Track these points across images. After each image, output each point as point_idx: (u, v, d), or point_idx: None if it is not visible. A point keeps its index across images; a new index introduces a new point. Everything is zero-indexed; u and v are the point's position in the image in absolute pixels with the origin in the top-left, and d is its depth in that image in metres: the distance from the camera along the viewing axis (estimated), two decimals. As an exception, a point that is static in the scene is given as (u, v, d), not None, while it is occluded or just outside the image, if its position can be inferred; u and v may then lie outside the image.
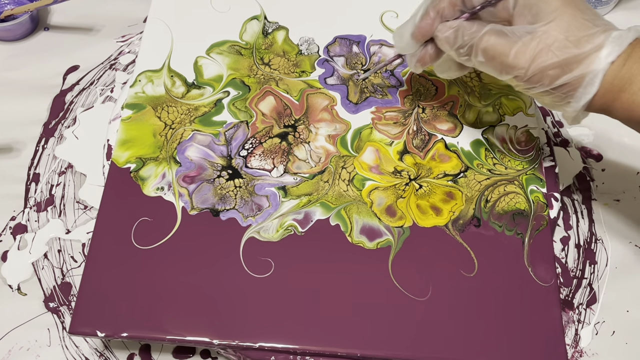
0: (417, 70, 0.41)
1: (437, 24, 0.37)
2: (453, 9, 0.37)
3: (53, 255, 0.43)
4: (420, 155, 0.44)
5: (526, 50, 0.34)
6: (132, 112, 0.44)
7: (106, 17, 0.54)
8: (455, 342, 0.37)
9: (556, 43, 0.33)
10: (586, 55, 0.33)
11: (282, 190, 0.42)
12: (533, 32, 0.34)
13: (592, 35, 0.33)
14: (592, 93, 0.33)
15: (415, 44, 0.39)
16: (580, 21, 0.33)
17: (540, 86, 0.35)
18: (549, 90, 0.35)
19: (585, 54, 0.33)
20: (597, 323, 0.42)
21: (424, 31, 0.38)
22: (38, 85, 0.50)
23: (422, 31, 0.38)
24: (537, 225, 0.42)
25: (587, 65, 0.33)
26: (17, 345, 0.40)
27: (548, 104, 0.36)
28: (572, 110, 0.35)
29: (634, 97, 0.33)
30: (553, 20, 0.33)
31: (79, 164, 0.46)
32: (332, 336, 0.37)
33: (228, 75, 0.46)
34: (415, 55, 0.40)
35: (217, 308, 0.37)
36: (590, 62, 0.33)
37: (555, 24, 0.33)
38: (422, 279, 0.39)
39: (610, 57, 0.33)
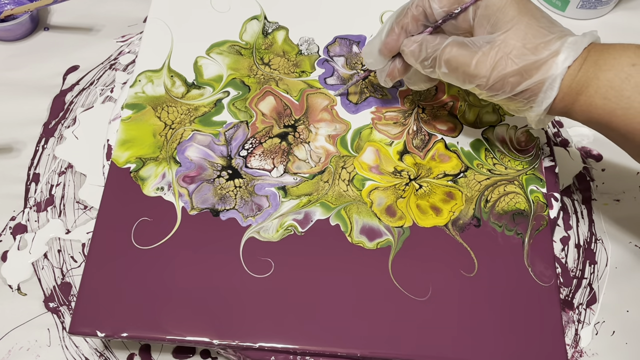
0: (387, 85, 0.42)
1: (402, 38, 0.38)
2: (417, 23, 0.38)
3: (53, 255, 0.43)
4: (420, 155, 0.44)
5: (486, 59, 0.35)
6: (132, 112, 0.44)
7: (106, 17, 0.54)
8: (455, 342, 0.37)
9: (514, 51, 0.34)
10: (544, 61, 0.34)
11: (282, 190, 0.42)
12: (492, 41, 0.35)
13: (548, 42, 0.34)
14: (552, 97, 0.35)
15: (383, 59, 0.40)
16: (536, 29, 0.34)
17: (502, 93, 0.36)
18: (511, 97, 0.36)
19: (542, 60, 0.34)
20: (597, 323, 0.42)
21: (390, 46, 0.39)
22: (38, 85, 0.50)
23: (389, 47, 0.39)
24: (537, 225, 0.42)
25: (546, 71, 0.34)
26: (17, 345, 0.40)
27: (513, 109, 0.38)
28: (535, 115, 0.36)
29: (591, 99, 0.34)
30: (510, 29, 0.35)
31: (79, 164, 0.46)
32: (332, 336, 0.37)
33: (228, 75, 0.46)
34: (384, 70, 0.41)
35: (217, 308, 0.37)
36: (548, 68, 0.34)
37: (512, 33, 0.34)
38: (422, 279, 0.39)
39: (567, 62, 0.34)
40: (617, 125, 0.34)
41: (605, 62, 0.34)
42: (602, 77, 0.34)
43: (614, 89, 0.34)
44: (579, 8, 0.54)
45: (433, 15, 0.37)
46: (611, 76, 0.34)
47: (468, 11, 0.36)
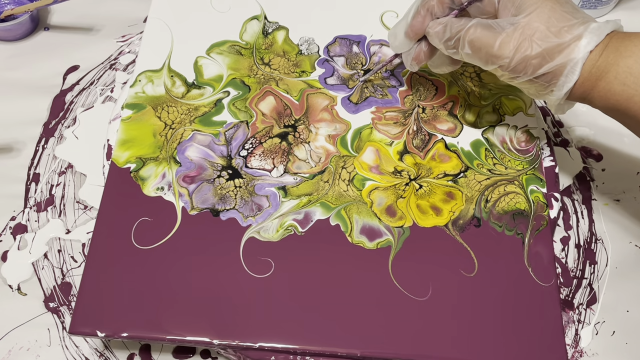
0: (413, 69, 0.43)
1: (428, 21, 0.39)
2: (442, 6, 0.39)
3: (53, 255, 0.43)
4: (420, 155, 0.44)
5: (510, 40, 0.35)
6: (132, 112, 0.44)
7: (106, 17, 0.54)
8: (455, 342, 0.37)
9: (537, 33, 0.35)
10: (566, 44, 0.35)
11: (282, 190, 0.42)
12: (516, 23, 0.36)
13: (571, 26, 0.35)
14: (573, 81, 0.35)
15: (409, 42, 0.41)
16: (560, 13, 0.35)
17: (523, 75, 0.36)
18: (532, 79, 0.36)
19: (565, 43, 0.35)
20: (597, 323, 0.42)
21: (416, 29, 0.40)
22: (38, 85, 0.50)
23: (414, 29, 0.40)
24: (537, 225, 0.42)
25: (568, 54, 0.35)
26: (17, 345, 0.40)
27: (532, 93, 0.38)
28: (555, 99, 0.37)
29: (610, 85, 0.35)
30: (534, 11, 0.35)
31: (79, 164, 0.46)
32: (332, 336, 0.37)
33: (228, 75, 0.46)
34: (410, 53, 0.42)
35: (217, 308, 0.37)
36: (570, 51, 0.35)
37: (535, 15, 0.35)
38: (422, 279, 0.39)
39: (589, 47, 0.34)
40: (634, 112, 0.35)
41: (626, 48, 0.34)
42: (621, 64, 0.34)
43: (633, 75, 0.34)
44: (579, 8, 0.54)
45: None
46: (631, 63, 0.34)
47: None
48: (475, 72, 0.48)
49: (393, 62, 0.47)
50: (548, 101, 0.38)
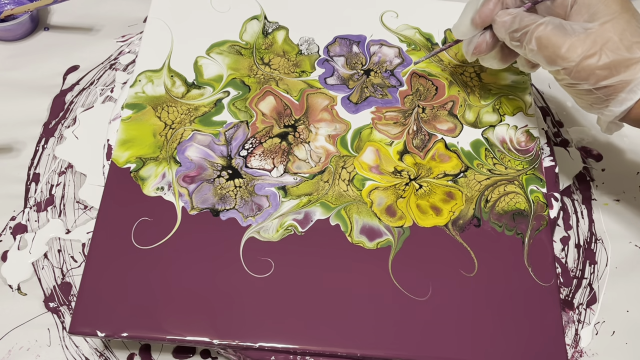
0: (471, 59, 0.42)
1: (497, 10, 0.38)
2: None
3: (53, 255, 0.43)
4: (420, 155, 0.44)
5: (580, 45, 0.35)
6: (132, 112, 0.44)
7: (106, 17, 0.54)
8: (455, 342, 0.37)
9: (609, 43, 0.34)
10: (636, 61, 0.34)
11: (282, 190, 0.42)
12: (589, 29, 0.35)
13: None
14: (635, 99, 0.34)
15: (473, 29, 0.40)
16: (635, 27, 0.34)
17: (585, 83, 0.35)
18: (592, 89, 0.35)
19: (635, 59, 0.34)
20: (597, 323, 0.42)
21: (484, 16, 0.39)
22: (38, 85, 0.50)
23: (483, 16, 0.39)
24: (537, 225, 0.42)
25: (635, 72, 0.34)
26: (17, 345, 0.40)
27: (586, 105, 0.37)
28: (611, 115, 0.36)
29: None
30: (609, 21, 0.34)
31: (79, 164, 0.46)
32: (332, 336, 0.37)
33: (228, 75, 0.46)
34: (472, 42, 0.41)
35: (217, 308, 0.37)
36: (638, 69, 0.34)
37: (611, 25, 0.34)
38: (422, 279, 0.39)
39: None
40: None
41: None
42: None
43: None
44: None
45: None
46: None
47: None
48: (475, 72, 0.48)
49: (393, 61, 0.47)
50: (602, 117, 0.37)
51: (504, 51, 0.41)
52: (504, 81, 0.48)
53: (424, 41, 0.49)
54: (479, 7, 0.39)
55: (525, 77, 0.48)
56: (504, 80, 0.48)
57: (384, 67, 0.48)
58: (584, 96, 0.37)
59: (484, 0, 0.39)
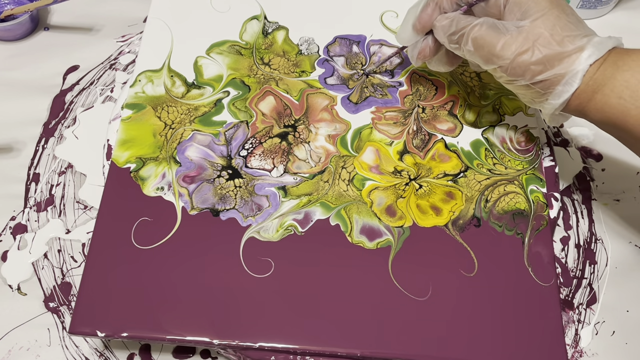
0: (417, 64, 0.43)
1: (436, 15, 0.40)
2: (451, 2, 0.39)
3: (53, 255, 0.43)
4: (420, 155, 0.44)
5: (512, 42, 0.36)
6: (132, 112, 0.44)
7: (106, 17, 0.54)
8: (455, 342, 0.37)
9: (541, 39, 0.35)
10: (568, 54, 0.35)
11: (282, 190, 0.42)
12: (521, 27, 0.36)
13: (574, 37, 0.35)
14: (571, 91, 0.35)
15: (415, 35, 0.42)
16: (565, 22, 0.35)
17: (521, 79, 0.37)
18: (529, 84, 0.37)
19: (567, 53, 0.35)
20: (597, 323, 0.42)
21: (423, 22, 0.40)
22: (38, 85, 0.50)
23: (422, 22, 0.40)
24: (537, 225, 0.42)
25: (568, 64, 0.35)
26: (17, 345, 0.40)
27: (528, 100, 0.39)
28: (551, 108, 0.37)
29: (607, 98, 0.35)
30: (540, 17, 0.35)
31: (79, 164, 0.46)
32: (332, 336, 0.37)
33: (228, 75, 0.46)
34: (416, 47, 0.42)
35: (217, 308, 0.37)
36: (571, 62, 0.35)
37: (541, 22, 0.35)
38: (422, 279, 0.39)
39: (591, 59, 0.35)
40: (631, 126, 0.35)
41: (624, 62, 0.34)
42: (619, 77, 0.34)
43: (629, 88, 0.34)
44: (579, 8, 0.54)
45: None
46: (628, 76, 0.34)
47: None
48: (475, 72, 0.48)
49: (392, 61, 0.47)
50: (543, 110, 0.38)
51: (449, 54, 0.42)
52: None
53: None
54: (418, 14, 0.40)
55: None
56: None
57: (383, 67, 0.48)
58: (524, 91, 0.38)
59: (423, 7, 0.40)
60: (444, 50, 0.42)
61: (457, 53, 0.39)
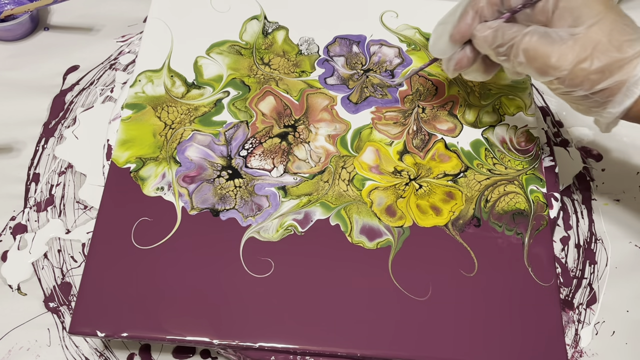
0: (452, 75, 0.41)
1: (476, 24, 0.37)
2: (492, 8, 0.36)
3: (53, 255, 0.43)
4: (420, 155, 0.44)
5: (570, 52, 0.33)
6: (132, 112, 0.44)
7: (106, 17, 0.54)
8: (455, 342, 0.37)
9: (599, 46, 0.33)
10: (629, 60, 0.33)
11: (282, 190, 0.42)
12: (576, 34, 0.34)
13: (633, 41, 0.33)
14: (633, 98, 0.33)
15: (453, 46, 0.38)
16: (622, 26, 0.33)
17: (580, 90, 0.34)
18: (588, 94, 0.34)
19: (627, 59, 0.33)
20: (597, 323, 0.42)
21: (462, 31, 0.37)
22: (38, 85, 0.50)
23: (461, 31, 0.37)
24: (537, 225, 0.42)
25: (629, 71, 0.33)
26: (17, 345, 0.40)
27: (583, 109, 0.36)
28: (610, 117, 0.35)
29: None
30: (596, 23, 0.33)
31: (79, 164, 0.46)
32: (332, 336, 0.37)
33: (228, 75, 0.46)
34: (452, 59, 0.39)
35: (217, 308, 0.37)
36: (632, 68, 0.33)
37: (598, 28, 0.33)
38: (422, 279, 0.39)
39: None
40: None
41: None
42: None
43: None
44: (579, 8, 0.54)
45: (510, 1, 0.36)
46: None
47: (548, 1, 0.34)
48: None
49: (392, 61, 0.47)
50: (600, 118, 0.36)
51: (487, 62, 0.39)
52: (504, 81, 0.48)
53: (424, 41, 0.49)
54: (456, 23, 0.37)
55: (525, 77, 0.48)
56: (504, 80, 0.48)
57: (384, 67, 0.48)
58: (581, 102, 0.35)
59: (461, 15, 0.37)
60: (480, 59, 0.39)
61: (506, 65, 0.37)
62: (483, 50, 0.37)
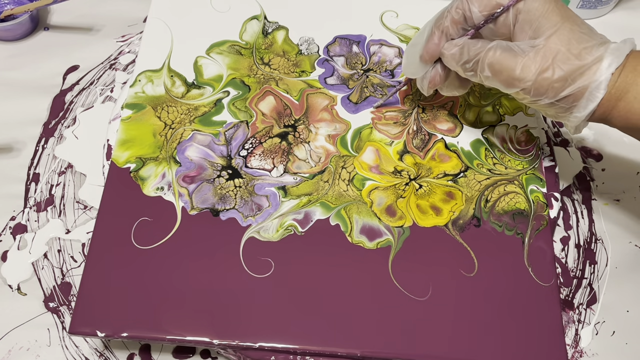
0: (428, 93, 0.42)
1: (443, 42, 0.38)
2: (456, 27, 0.38)
3: (53, 255, 0.43)
4: (420, 155, 0.44)
5: (531, 63, 0.35)
6: (132, 112, 0.44)
7: (106, 17, 0.54)
8: (455, 342, 0.37)
9: (559, 55, 0.34)
10: (588, 66, 0.34)
11: (282, 190, 0.42)
12: (536, 46, 0.35)
13: (591, 48, 0.34)
14: (596, 103, 0.35)
15: (424, 66, 0.40)
16: (579, 34, 0.35)
17: (545, 98, 0.36)
18: (553, 102, 0.36)
19: (587, 65, 0.34)
20: (597, 323, 0.42)
21: (431, 51, 0.39)
22: (38, 85, 0.50)
23: (430, 51, 0.39)
24: (537, 225, 0.42)
25: (590, 77, 0.34)
26: (17, 345, 0.40)
27: (552, 115, 0.38)
28: (576, 121, 0.36)
29: (630, 105, 0.35)
30: (554, 33, 0.35)
31: (79, 164, 0.46)
32: (332, 336, 0.37)
33: (228, 75, 0.46)
34: (425, 78, 0.41)
35: (217, 308, 0.37)
36: (592, 73, 0.34)
37: (556, 38, 0.35)
38: (422, 279, 0.39)
39: (611, 68, 0.34)
40: None
41: None
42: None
43: None
44: (579, 8, 0.54)
45: (472, 19, 0.37)
46: None
47: (508, 16, 0.36)
48: (475, 72, 0.48)
49: (392, 61, 0.47)
50: (568, 122, 0.37)
51: (460, 77, 0.40)
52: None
53: (424, 41, 0.49)
54: (424, 44, 0.39)
55: None
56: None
57: (383, 67, 0.48)
58: (547, 109, 0.37)
59: (428, 36, 0.39)
60: (454, 74, 0.40)
61: (474, 80, 0.38)
62: (452, 67, 0.39)
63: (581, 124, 0.37)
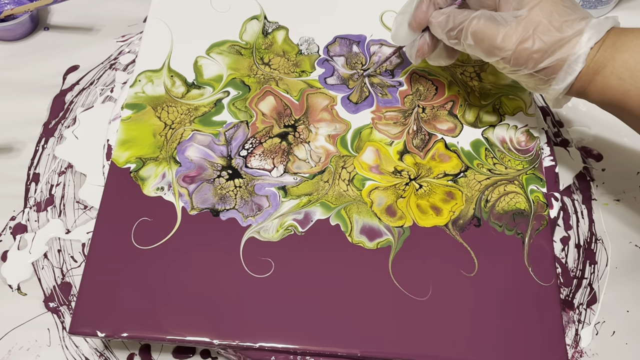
0: (416, 62, 0.43)
1: (431, 11, 0.40)
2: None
3: (53, 255, 0.43)
4: (420, 155, 0.44)
5: (513, 33, 0.36)
6: (132, 112, 0.44)
7: (106, 17, 0.54)
8: (455, 342, 0.37)
9: (540, 27, 0.35)
10: (568, 39, 0.35)
11: (282, 190, 0.42)
12: (519, 16, 0.36)
13: (572, 21, 0.35)
14: (574, 76, 0.36)
15: (412, 33, 0.42)
16: (562, 8, 0.36)
17: (524, 68, 0.37)
18: (532, 72, 0.37)
19: (567, 38, 0.35)
20: (597, 323, 0.42)
21: (419, 19, 0.40)
22: (38, 85, 0.50)
23: (418, 19, 0.40)
24: (537, 225, 0.42)
25: (569, 50, 0.35)
26: (17, 345, 0.40)
27: (531, 86, 0.39)
28: (555, 93, 0.37)
29: (607, 79, 0.35)
30: (536, 5, 0.36)
31: (79, 164, 0.46)
32: (332, 336, 0.37)
33: (228, 75, 0.46)
34: (414, 46, 0.42)
35: (217, 308, 0.37)
36: (571, 47, 0.35)
37: (538, 9, 0.36)
38: (422, 279, 0.39)
39: (590, 43, 0.35)
40: (631, 106, 0.35)
41: (622, 43, 0.35)
42: (618, 59, 0.35)
43: (629, 69, 0.34)
44: (579, 8, 0.54)
45: None
46: (627, 57, 0.34)
47: None
48: (475, 72, 0.48)
49: (392, 61, 0.47)
50: (547, 95, 0.38)
51: (448, 48, 0.42)
52: (504, 81, 0.48)
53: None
54: (413, 12, 0.40)
55: None
56: (504, 80, 0.48)
57: (384, 66, 0.48)
58: (527, 79, 0.38)
59: (417, 4, 0.40)
60: (442, 45, 0.42)
61: (457, 48, 0.40)
62: (438, 35, 0.40)
63: (562, 99, 0.38)
